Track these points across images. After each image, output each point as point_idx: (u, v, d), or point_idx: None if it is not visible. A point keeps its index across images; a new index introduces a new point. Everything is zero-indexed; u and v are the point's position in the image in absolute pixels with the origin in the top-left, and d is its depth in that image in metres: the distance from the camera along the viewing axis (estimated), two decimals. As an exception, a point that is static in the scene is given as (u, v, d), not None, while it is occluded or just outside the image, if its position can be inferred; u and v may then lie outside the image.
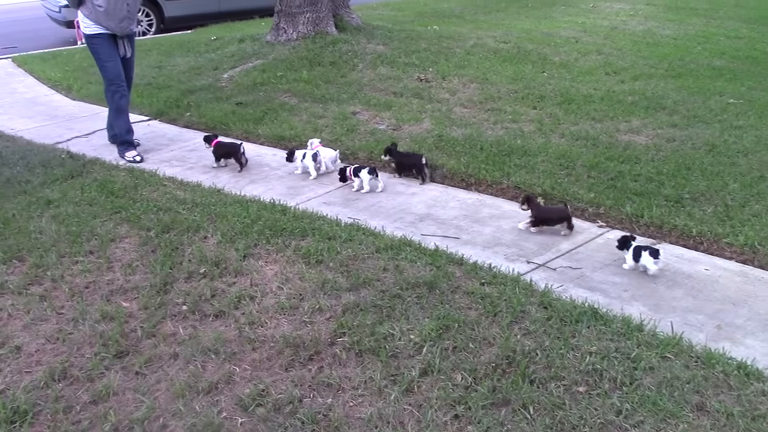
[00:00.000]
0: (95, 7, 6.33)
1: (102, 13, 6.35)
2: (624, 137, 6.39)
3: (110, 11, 6.36)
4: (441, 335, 3.60)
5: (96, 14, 6.37)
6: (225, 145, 6.36)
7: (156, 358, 3.55)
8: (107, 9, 6.33)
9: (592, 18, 12.75)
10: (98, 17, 6.39)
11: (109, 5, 6.32)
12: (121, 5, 6.41)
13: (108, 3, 6.31)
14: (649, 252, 4.25)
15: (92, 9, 6.36)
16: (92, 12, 6.38)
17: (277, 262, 4.43)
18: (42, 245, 4.74)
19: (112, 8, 6.36)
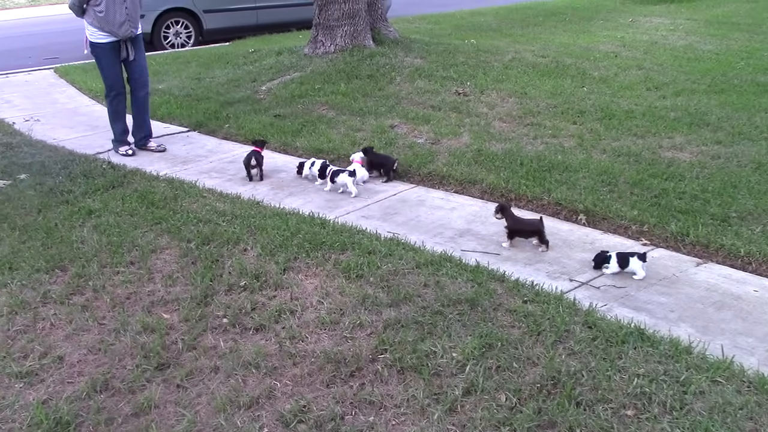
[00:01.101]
0: (96, 13, 6.72)
1: (103, 18, 6.72)
2: (667, 154, 6.29)
3: (110, 15, 6.72)
4: (484, 354, 3.55)
5: (98, 20, 6.75)
6: None
7: (197, 371, 3.54)
8: (107, 14, 6.71)
9: (631, 32, 12.61)
10: (101, 23, 6.76)
11: (109, 10, 6.69)
12: (120, 9, 6.77)
13: (107, 8, 6.68)
14: (638, 257, 4.39)
15: (94, 16, 6.75)
16: (95, 18, 6.76)
17: (317, 275, 4.41)
18: (84, 255, 4.78)
19: (112, 13, 6.72)
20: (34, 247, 4.92)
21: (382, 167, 6.30)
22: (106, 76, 7.15)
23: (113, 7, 6.71)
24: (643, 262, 4.39)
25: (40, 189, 6.03)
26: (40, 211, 5.58)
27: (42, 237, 5.09)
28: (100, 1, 6.65)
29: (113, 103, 7.26)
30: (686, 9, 15.10)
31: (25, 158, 6.91)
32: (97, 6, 6.67)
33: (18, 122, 8.60)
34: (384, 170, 6.28)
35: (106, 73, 7.14)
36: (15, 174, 6.42)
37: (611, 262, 4.44)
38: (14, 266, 4.65)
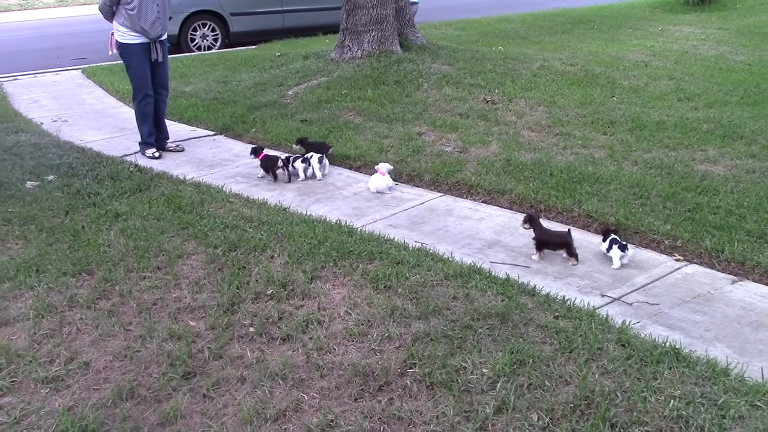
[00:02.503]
0: (127, 12, 6.72)
1: (134, 16, 6.73)
2: (700, 167, 6.17)
3: (142, 13, 6.75)
4: (515, 370, 3.47)
5: (130, 19, 6.76)
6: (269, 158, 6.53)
7: (223, 381, 3.50)
8: (139, 11, 6.72)
9: (661, 42, 12.46)
10: (132, 22, 6.77)
11: (141, 7, 6.72)
12: (152, 7, 6.80)
13: (139, 6, 6.70)
14: (619, 246, 4.66)
15: (125, 15, 6.75)
16: (126, 18, 6.76)
17: (344, 285, 4.36)
18: (110, 259, 4.76)
19: (144, 10, 6.75)
20: (61, 250, 4.91)
21: (317, 151, 6.63)
22: (136, 77, 7.15)
23: (145, 6, 6.74)
24: (622, 252, 4.64)
25: (67, 191, 6.04)
26: (67, 213, 5.58)
27: (69, 240, 5.08)
28: (132, 0, 6.67)
29: (141, 105, 7.27)
30: (717, 18, 14.91)
31: (53, 159, 6.93)
32: (129, 5, 6.69)
33: (46, 122, 8.65)
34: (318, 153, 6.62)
35: (135, 75, 7.15)
36: (43, 175, 6.43)
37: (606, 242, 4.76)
38: (41, 269, 4.64)
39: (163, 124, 7.52)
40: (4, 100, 9.97)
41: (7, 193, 6.00)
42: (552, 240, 4.82)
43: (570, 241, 4.76)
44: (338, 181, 6.40)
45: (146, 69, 7.11)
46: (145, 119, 7.30)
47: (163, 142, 7.48)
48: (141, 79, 7.14)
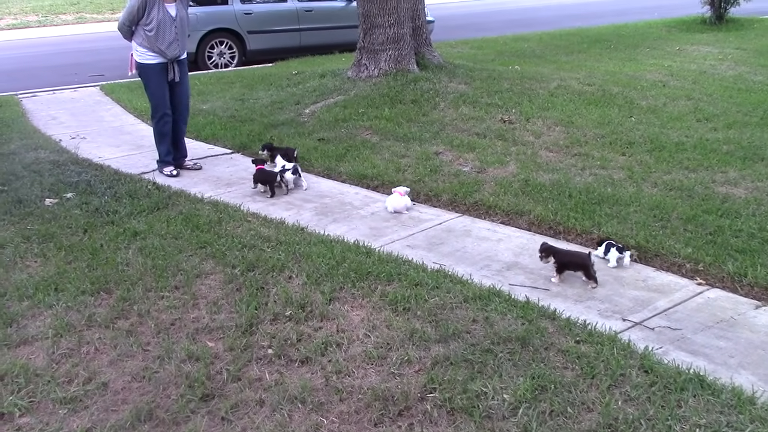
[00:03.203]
0: (145, 32, 6.79)
1: (152, 37, 6.80)
2: (721, 189, 6.12)
3: (159, 34, 6.81)
4: (537, 396, 3.43)
5: (148, 40, 6.83)
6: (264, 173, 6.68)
7: (242, 404, 3.47)
8: (157, 32, 6.79)
9: (678, 61, 12.43)
10: (150, 42, 6.84)
11: (159, 29, 6.78)
12: (170, 29, 6.86)
13: (157, 27, 6.77)
14: (616, 248, 4.94)
15: (144, 35, 6.82)
16: (144, 39, 6.84)
17: (363, 307, 4.34)
18: (129, 278, 4.76)
19: (162, 31, 6.81)
20: (79, 268, 4.92)
21: (285, 157, 7.08)
22: (154, 96, 7.21)
23: (163, 27, 6.79)
24: (619, 254, 4.92)
25: (86, 208, 6.06)
26: (85, 231, 5.60)
27: (87, 258, 5.09)
28: (151, 20, 6.74)
29: (159, 124, 7.31)
30: (734, 38, 14.86)
31: (72, 176, 6.97)
32: (147, 26, 6.75)
33: (64, 139, 8.70)
34: (287, 159, 7.04)
35: (153, 94, 7.20)
36: (62, 192, 6.46)
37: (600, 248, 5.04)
38: (60, 287, 4.65)
39: (181, 142, 7.56)
40: (23, 117, 10.05)
41: (27, 210, 6.03)
42: (572, 261, 4.79)
43: (589, 263, 4.73)
44: (355, 201, 6.39)
45: (164, 89, 7.16)
46: (164, 138, 7.34)
47: (181, 160, 7.51)
48: (159, 99, 7.19)
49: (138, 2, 6.70)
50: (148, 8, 6.73)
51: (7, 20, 23.56)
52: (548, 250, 4.80)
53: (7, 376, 3.71)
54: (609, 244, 5.00)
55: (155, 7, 6.74)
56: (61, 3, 26.85)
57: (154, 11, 6.74)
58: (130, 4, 6.77)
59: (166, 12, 6.82)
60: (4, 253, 5.21)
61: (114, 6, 26.09)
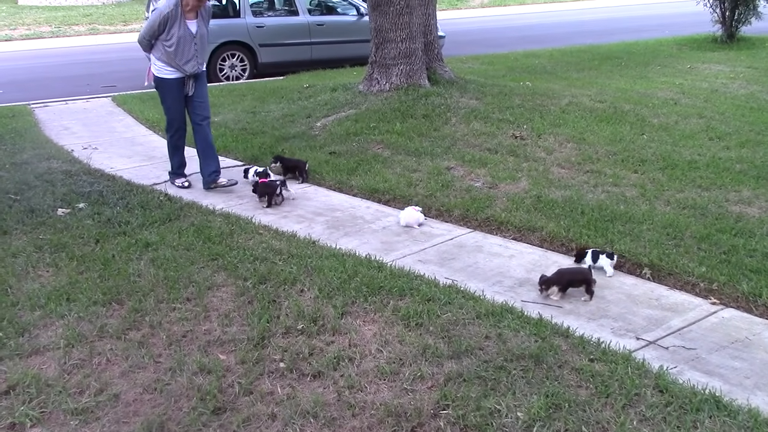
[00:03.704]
0: (165, 48, 6.73)
1: (172, 53, 6.74)
2: (734, 208, 6.09)
3: (179, 50, 6.74)
4: (551, 415, 3.41)
5: (167, 55, 6.77)
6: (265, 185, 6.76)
7: (254, 418, 3.46)
8: (176, 48, 6.72)
9: (689, 79, 12.41)
10: (169, 58, 6.78)
11: (179, 45, 6.72)
12: (190, 46, 6.80)
13: (177, 43, 6.70)
14: (606, 255, 5.10)
15: (163, 50, 6.76)
16: (163, 53, 6.78)
17: (375, 322, 4.32)
18: (140, 289, 4.76)
19: (181, 48, 6.75)
20: (91, 279, 4.93)
21: (296, 169, 7.34)
22: (170, 111, 7.16)
23: (183, 43, 6.74)
24: (611, 260, 5.08)
25: (98, 219, 6.07)
26: (97, 241, 5.61)
27: (99, 268, 5.10)
28: (171, 37, 6.68)
29: (173, 138, 7.31)
30: (745, 57, 14.84)
31: (84, 187, 6.99)
32: (168, 41, 6.69)
33: (77, 149, 8.73)
34: (299, 172, 7.34)
35: (169, 109, 7.16)
36: (74, 203, 6.47)
37: (587, 257, 5.11)
38: (72, 297, 4.65)
39: (211, 156, 7.27)
40: (35, 127, 10.09)
41: (39, 219, 6.05)
42: (575, 278, 4.78)
43: (591, 278, 4.75)
44: (367, 215, 6.38)
45: (180, 103, 7.12)
46: (176, 151, 7.36)
47: (216, 175, 7.23)
48: (174, 113, 7.16)
49: (159, 18, 6.63)
50: (169, 24, 6.66)
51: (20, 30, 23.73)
52: (549, 282, 4.77)
53: (19, 386, 3.71)
54: (595, 252, 5.13)
55: (176, 23, 6.67)
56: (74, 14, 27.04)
57: (174, 27, 6.67)
58: (152, 18, 6.73)
59: (186, 28, 6.75)
60: (17, 262, 5.22)
61: (126, 18, 26.26)
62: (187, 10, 6.71)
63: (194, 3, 6.71)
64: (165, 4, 6.63)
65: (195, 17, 6.84)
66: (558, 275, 4.76)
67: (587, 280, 4.73)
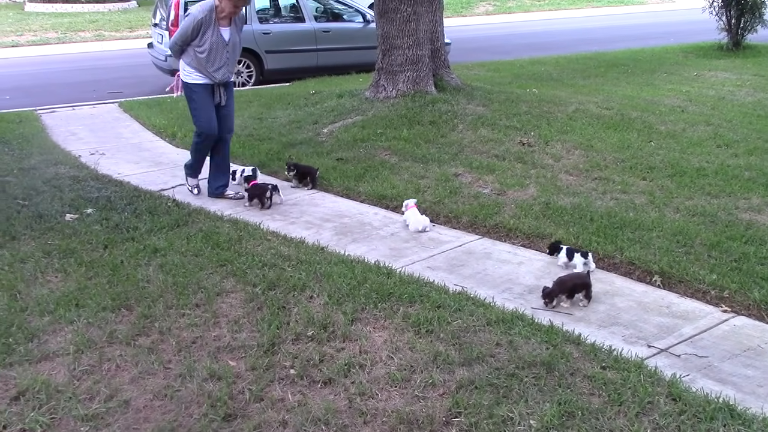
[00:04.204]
0: (197, 54, 6.58)
1: (203, 59, 6.58)
2: (744, 215, 6.06)
3: (211, 58, 6.59)
4: (564, 423, 3.38)
5: (197, 61, 6.62)
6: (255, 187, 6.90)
7: (265, 425, 3.44)
8: (208, 55, 6.58)
9: (696, 87, 12.39)
10: (199, 64, 6.62)
11: (211, 51, 6.57)
12: (221, 52, 6.64)
13: (210, 50, 6.55)
14: (581, 253, 5.24)
15: (194, 56, 6.61)
16: (193, 59, 6.63)
17: (385, 328, 4.30)
18: (149, 295, 4.75)
19: (213, 55, 6.60)
20: (100, 284, 4.91)
21: (309, 176, 7.37)
22: (198, 117, 6.89)
23: (215, 51, 6.58)
24: (584, 259, 5.20)
25: (106, 224, 6.06)
26: (106, 247, 5.60)
27: (108, 274, 5.08)
28: (203, 42, 6.53)
29: (199, 148, 7.08)
30: (752, 64, 14.82)
31: (92, 192, 6.98)
32: (200, 47, 6.54)
33: (84, 155, 8.73)
34: (310, 178, 7.37)
35: (198, 116, 6.89)
36: (82, 208, 6.47)
37: (561, 253, 5.31)
38: (81, 303, 4.64)
39: (224, 171, 7.22)
40: (42, 132, 10.10)
41: (47, 225, 6.04)
42: (576, 284, 4.76)
43: (590, 282, 4.76)
44: (375, 221, 6.37)
45: (210, 110, 6.86)
46: (199, 155, 7.15)
47: (223, 188, 7.19)
48: (203, 120, 6.87)
49: (193, 23, 6.49)
50: (203, 30, 6.51)
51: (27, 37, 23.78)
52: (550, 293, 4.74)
53: (29, 391, 3.70)
54: (570, 250, 5.30)
55: (210, 29, 6.52)
56: (80, 21, 27.08)
57: (208, 34, 6.52)
58: (185, 24, 6.57)
59: (220, 35, 6.60)
60: (25, 267, 5.21)
61: (132, 24, 26.28)
62: (221, 16, 6.56)
63: (230, 10, 6.57)
64: (199, 9, 6.52)
65: (228, 24, 6.68)
66: (560, 284, 4.75)
67: (587, 285, 4.74)
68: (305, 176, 7.40)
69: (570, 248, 5.33)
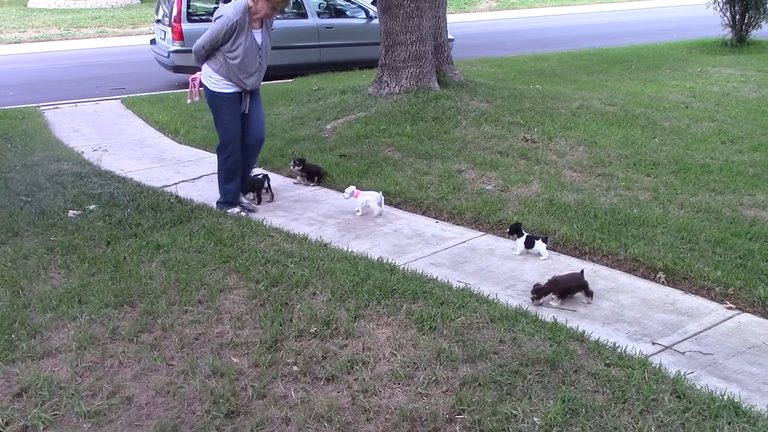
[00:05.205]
0: (228, 60, 6.02)
1: (235, 66, 6.02)
2: (749, 212, 6.04)
3: (244, 64, 6.05)
4: (568, 420, 3.37)
5: (227, 68, 6.05)
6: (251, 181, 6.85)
7: (267, 422, 3.43)
8: (241, 62, 6.02)
9: (700, 83, 12.35)
10: (229, 71, 6.07)
11: (244, 57, 6.01)
12: (254, 57, 6.11)
13: (243, 56, 6.00)
14: (542, 239, 5.38)
15: (223, 62, 6.04)
16: (223, 66, 6.06)
17: (389, 325, 4.29)
18: (152, 291, 4.74)
19: (246, 61, 6.05)
20: (102, 281, 4.90)
21: (317, 175, 7.40)
22: (226, 131, 6.36)
23: (248, 56, 6.05)
24: (545, 244, 5.40)
25: (108, 221, 6.05)
26: (108, 243, 5.58)
27: (111, 270, 5.07)
28: (236, 48, 5.97)
29: (228, 161, 6.44)
30: (756, 60, 14.76)
31: (95, 188, 6.97)
32: (232, 53, 5.98)
33: (86, 151, 8.73)
34: (318, 177, 7.40)
35: (226, 128, 6.36)
36: (84, 204, 6.46)
37: (518, 241, 5.45)
38: (83, 299, 4.63)
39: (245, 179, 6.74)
40: (45, 129, 10.09)
41: (50, 221, 6.03)
42: (571, 286, 4.75)
43: (586, 282, 4.74)
44: (378, 218, 6.35)
45: (238, 122, 6.36)
46: (232, 177, 6.50)
47: None
48: (232, 134, 6.35)
49: (226, 26, 5.89)
50: (236, 34, 5.95)
51: (29, 33, 23.77)
52: (539, 291, 4.72)
53: (31, 388, 3.69)
54: (530, 237, 5.43)
55: (243, 33, 5.97)
56: (83, 17, 27.06)
57: (241, 38, 5.97)
58: (216, 27, 5.93)
59: (253, 39, 6.07)
60: (28, 264, 5.20)
61: (135, 21, 26.26)
62: (254, 18, 6.04)
63: (266, 11, 6.05)
64: (233, 10, 5.91)
65: (260, 26, 6.15)
66: (553, 283, 4.73)
67: (582, 285, 4.73)
68: (314, 175, 7.40)
69: (530, 235, 5.45)
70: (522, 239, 5.44)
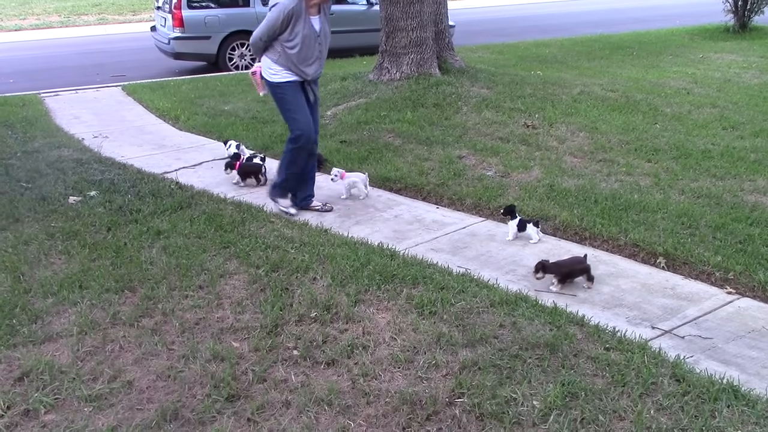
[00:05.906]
0: (285, 50, 5.76)
1: (294, 56, 5.76)
2: (750, 197, 6.04)
3: (302, 53, 5.78)
4: (567, 403, 3.38)
5: (286, 58, 5.78)
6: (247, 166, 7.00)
7: (268, 405, 3.44)
8: (300, 50, 5.76)
9: (702, 69, 12.31)
10: (288, 61, 5.80)
11: (303, 46, 5.75)
12: (314, 45, 5.84)
13: (302, 44, 5.73)
14: (533, 223, 5.44)
15: (281, 53, 5.78)
16: (281, 56, 5.79)
17: (389, 310, 4.30)
18: (153, 277, 4.75)
19: (305, 49, 5.79)
20: (103, 266, 4.91)
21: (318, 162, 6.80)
22: (296, 121, 5.99)
23: (307, 44, 5.78)
24: (537, 228, 5.43)
25: (109, 207, 6.05)
26: (109, 229, 5.59)
27: (111, 256, 5.08)
28: (294, 36, 5.70)
29: (296, 153, 6.07)
30: (758, 46, 14.71)
31: (95, 175, 6.97)
32: (290, 42, 5.71)
33: (87, 138, 8.72)
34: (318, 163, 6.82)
35: (294, 117, 6.00)
36: (85, 191, 6.46)
37: (510, 224, 5.49)
38: (84, 285, 4.64)
39: (310, 175, 6.34)
40: (46, 116, 10.08)
41: (51, 207, 6.04)
42: (573, 270, 4.75)
43: (589, 266, 4.73)
44: (378, 203, 6.35)
45: (306, 111, 6.00)
46: (296, 168, 6.13)
47: (309, 200, 6.34)
48: (302, 122, 5.97)
49: (282, 14, 5.62)
50: (293, 22, 5.68)
51: (30, 20, 23.74)
52: (544, 267, 4.73)
53: (33, 372, 3.70)
54: (523, 221, 5.48)
55: (300, 20, 5.69)
56: (83, 4, 27.03)
57: (299, 26, 5.69)
58: (273, 16, 5.66)
59: (311, 26, 5.78)
60: (29, 249, 5.21)
61: (135, 8, 26.24)
62: (310, 4, 5.76)
63: None
64: None
65: (318, 12, 5.88)
66: (556, 266, 4.73)
67: (585, 269, 4.72)
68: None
69: (522, 219, 5.50)
70: (514, 222, 5.47)
